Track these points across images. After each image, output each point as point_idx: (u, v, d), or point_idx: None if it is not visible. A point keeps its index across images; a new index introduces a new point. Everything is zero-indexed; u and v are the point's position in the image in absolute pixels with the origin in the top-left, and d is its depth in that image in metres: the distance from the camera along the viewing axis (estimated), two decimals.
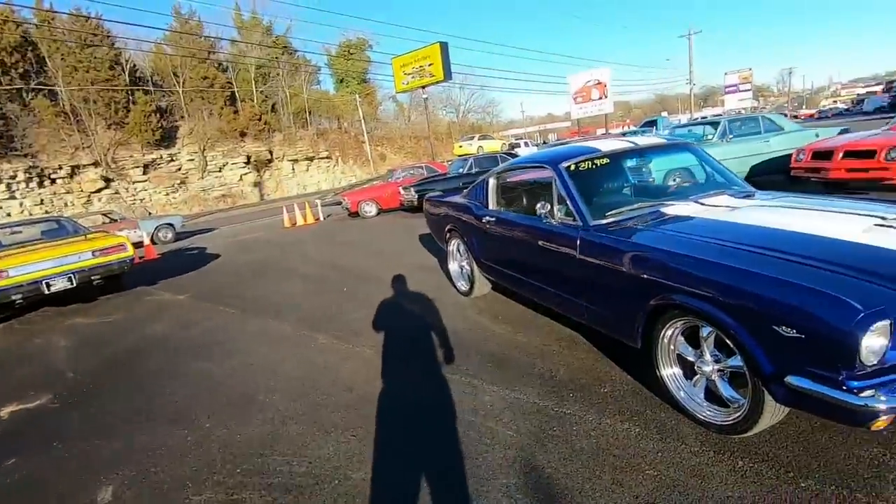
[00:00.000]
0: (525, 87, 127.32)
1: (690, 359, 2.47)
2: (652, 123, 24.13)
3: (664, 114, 49.53)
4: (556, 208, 3.29)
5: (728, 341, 2.15)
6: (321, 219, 15.33)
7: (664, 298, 2.37)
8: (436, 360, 3.61)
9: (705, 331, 2.31)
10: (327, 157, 35.45)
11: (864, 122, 22.40)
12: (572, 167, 3.37)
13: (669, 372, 2.56)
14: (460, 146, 29.88)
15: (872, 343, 1.65)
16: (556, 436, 2.51)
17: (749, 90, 53.57)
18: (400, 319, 4.72)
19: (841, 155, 7.06)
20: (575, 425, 2.58)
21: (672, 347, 2.53)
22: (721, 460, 2.17)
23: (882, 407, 1.68)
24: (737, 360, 2.18)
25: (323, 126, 37.76)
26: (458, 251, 5.02)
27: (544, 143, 35.65)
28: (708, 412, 2.40)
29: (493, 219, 4.05)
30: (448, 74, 20.09)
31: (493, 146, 28.72)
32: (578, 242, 2.97)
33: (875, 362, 1.69)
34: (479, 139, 30.32)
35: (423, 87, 21.41)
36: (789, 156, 8.13)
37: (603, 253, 2.81)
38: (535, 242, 3.47)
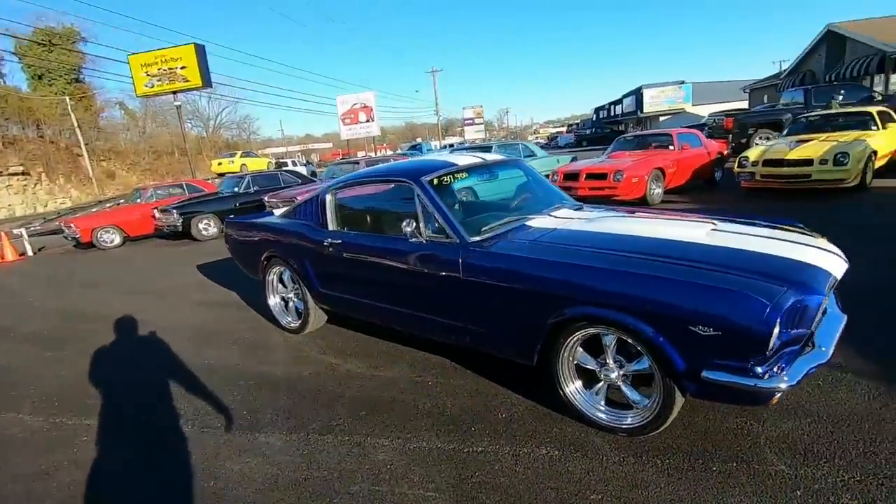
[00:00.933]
0: (286, 104, 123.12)
1: (591, 367, 2.49)
2: (417, 147, 26.11)
3: (427, 139, 54.36)
4: (422, 226, 3.00)
5: (638, 346, 2.22)
6: (28, 254, 11.43)
7: (570, 311, 2.33)
8: (297, 420, 2.87)
9: (609, 339, 2.35)
10: (23, 174, 26.93)
11: (582, 151, 28.67)
12: (435, 181, 3.15)
13: (573, 387, 2.54)
14: (219, 163, 26.61)
15: (776, 331, 1.89)
16: (482, 482, 2.20)
17: (482, 123, 63.78)
18: (228, 376, 3.61)
19: (584, 176, 8.78)
20: (495, 464, 2.32)
21: (572, 359, 2.52)
22: (644, 463, 2.22)
23: (783, 386, 1.94)
24: (643, 363, 2.28)
25: (12, 133, 28.61)
26: (283, 281, 4.23)
27: (308, 163, 34.80)
28: (613, 417, 2.46)
29: (339, 241, 3.50)
30: (207, 81, 17.60)
31: (258, 163, 26.51)
32: (461, 263, 2.75)
33: (776, 347, 1.95)
34: (241, 156, 27.54)
35: (175, 93, 18.22)
36: (546, 177, 9.75)
37: (493, 272, 2.65)
38: (398, 265, 3.12)
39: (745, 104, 33.05)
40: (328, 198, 3.71)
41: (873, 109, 9.43)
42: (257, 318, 4.67)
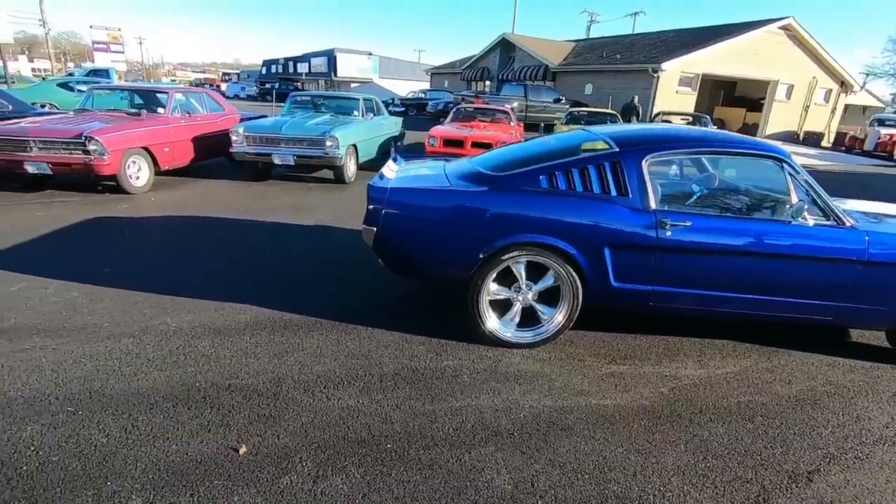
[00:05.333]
0: None
1: None
2: (100, 73, 18.38)
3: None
4: (803, 208, 2.86)
5: None
6: None
7: None
8: None
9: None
10: None
11: (269, 106, 26.32)
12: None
13: None
14: None
15: None
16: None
17: (121, 52, 49.89)
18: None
19: (470, 144, 8.84)
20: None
21: None
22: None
23: None
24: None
25: None
26: (522, 283, 2.96)
27: None
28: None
29: (680, 224, 2.80)
30: None
31: None
32: (867, 249, 2.83)
33: None
34: None
35: None
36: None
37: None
38: (772, 251, 2.86)
39: (426, 84, 38.38)
40: (644, 167, 2.85)
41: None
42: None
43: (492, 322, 3.03)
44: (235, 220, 5.53)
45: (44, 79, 28.01)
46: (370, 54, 40.55)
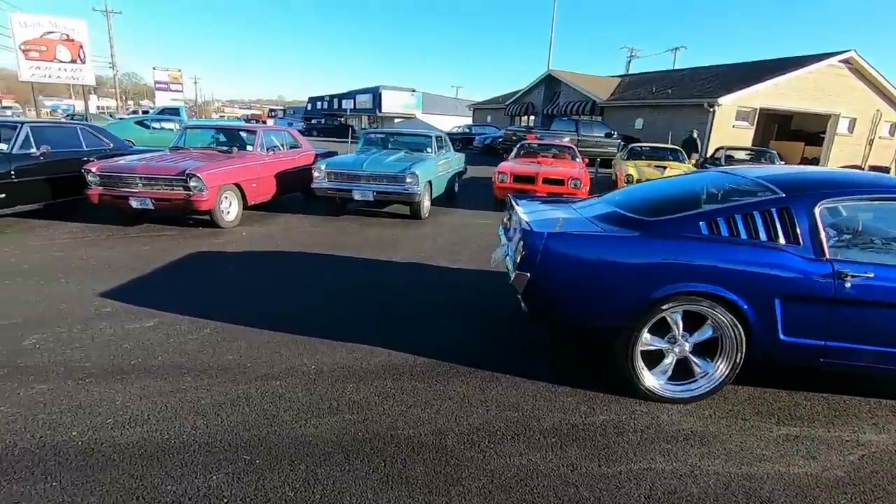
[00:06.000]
0: None
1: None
2: (173, 111, 19.68)
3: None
4: None
5: None
6: None
7: None
8: None
9: None
10: None
11: (317, 141, 27.24)
12: None
13: None
14: None
15: None
16: None
17: (180, 91, 53.26)
18: None
19: (542, 180, 8.80)
20: None
21: None
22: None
23: None
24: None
25: None
26: (678, 334, 2.81)
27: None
28: None
29: (864, 275, 2.60)
30: None
31: None
32: None
33: None
34: None
35: None
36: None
37: None
38: None
39: (466, 119, 39.12)
40: (816, 213, 2.69)
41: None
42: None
43: (648, 377, 2.87)
44: (329, 256, 5.59)
45: (111, 115, 30.14)
46: (413, 91, 41.82)
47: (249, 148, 7.65)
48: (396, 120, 41.70)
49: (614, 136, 19.11)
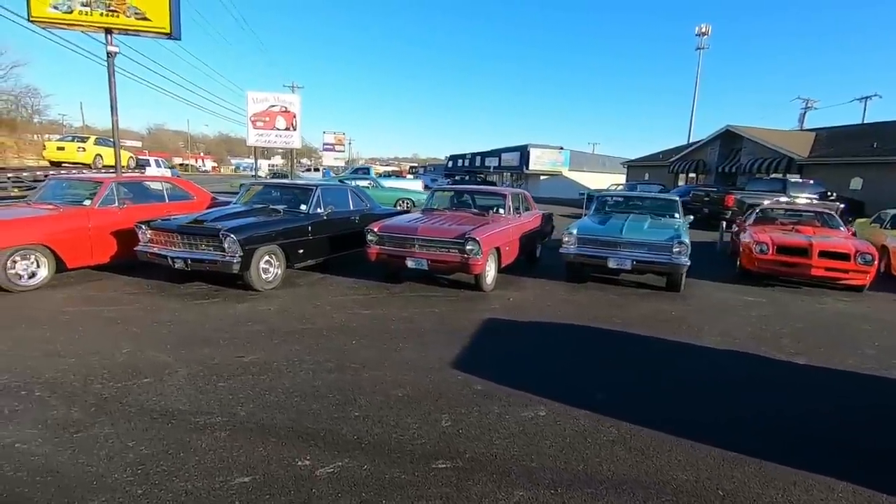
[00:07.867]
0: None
1: None
2: (363, 170, 21.94)
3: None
4: None
5: None
6: None
7: None
8: None
9: None
10: None
11: None
12: None
13: None
14: (60, 147, 17.89)
15: None
16: None
17: (343, 151, 59.96)
18: None
19: (818, 254, 7.49)
20: None
21: None
22: None
23: None
24: None
25: None
26: None
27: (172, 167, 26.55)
28: None
29: None
30: (177, 29, 9.94)
31: (113, 155, 18.63)
32: None
33: None
34: (95, 143, 18.94)
35: (131, 33, 9.87)
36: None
37: None
38: None
39: (612, 177, 37.69)
40: None
41: None
42: None
43: None
44: (632, 336, 5.04)
45: (284, 175, 34.48)
46: (561, 148, 41.78)
47: (501, 211, 7.65)
48: (541, 178, 41.80)
49: (831, 198, 16.57)
